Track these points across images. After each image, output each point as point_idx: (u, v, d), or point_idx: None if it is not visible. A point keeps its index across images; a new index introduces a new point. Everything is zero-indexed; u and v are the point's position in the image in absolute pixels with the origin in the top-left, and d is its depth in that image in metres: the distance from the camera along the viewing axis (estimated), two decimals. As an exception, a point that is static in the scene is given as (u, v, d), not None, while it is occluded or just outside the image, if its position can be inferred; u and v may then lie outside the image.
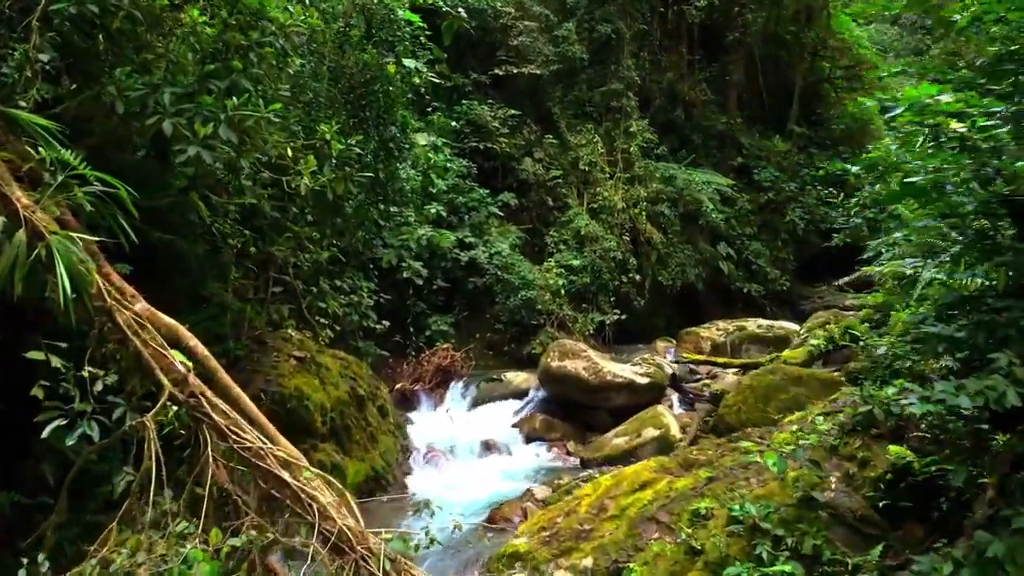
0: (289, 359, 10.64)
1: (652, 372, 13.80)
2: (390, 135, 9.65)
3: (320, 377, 10.67)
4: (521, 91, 21.35)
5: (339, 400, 10.74)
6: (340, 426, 10.67)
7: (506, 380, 15.29)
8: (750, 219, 25.12)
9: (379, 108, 9.44)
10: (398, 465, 11.79)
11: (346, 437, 10.76)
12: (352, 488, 10.45)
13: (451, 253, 17.49)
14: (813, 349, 12.19)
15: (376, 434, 11.42)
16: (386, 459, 11.35)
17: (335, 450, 10.48)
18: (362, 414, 11.26)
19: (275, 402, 9.80)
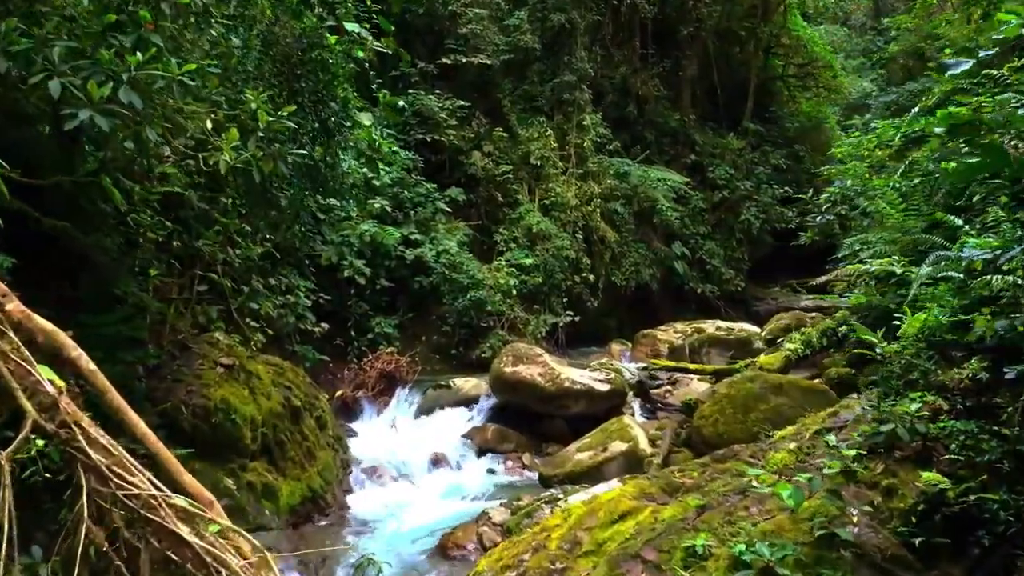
0: (216, 366, 9.47)
1: (612, 378, 12.87)
2: (330, 113, 8.52)
3: (250, 387, 9.52)
4: (470, 82, 20.31)
5: (272, 412, 9.60)
6: (273, 442, 9.53)
7: (455, 387, 14.24)
8: (704, 218, 24.46)
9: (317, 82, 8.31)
10: (338, 483, 10.67)
11: (280, 454, 9.62)
12: (287, 511, 9.37)
13: (396, 251, 16.39)
14: (790, 354, 11.37)
15: (314, 449, 10.29)
16: (325, 477, 10.23)
17: (267, 469, 9.34)
18: (298, 427, 10.12)
19: (198, 416, 8.64)
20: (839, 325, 11.82)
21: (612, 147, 23.25)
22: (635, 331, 20.70)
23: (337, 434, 11.61)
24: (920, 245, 10.42)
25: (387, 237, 16.11)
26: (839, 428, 6.68)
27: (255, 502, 8.90)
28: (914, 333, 6.53)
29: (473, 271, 16.77)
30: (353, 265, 15.24)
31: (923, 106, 11.21)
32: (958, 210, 10.27)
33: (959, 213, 9.99)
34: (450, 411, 13.89)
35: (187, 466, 8.45)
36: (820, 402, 9.35)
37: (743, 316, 24.57)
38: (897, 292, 9.72)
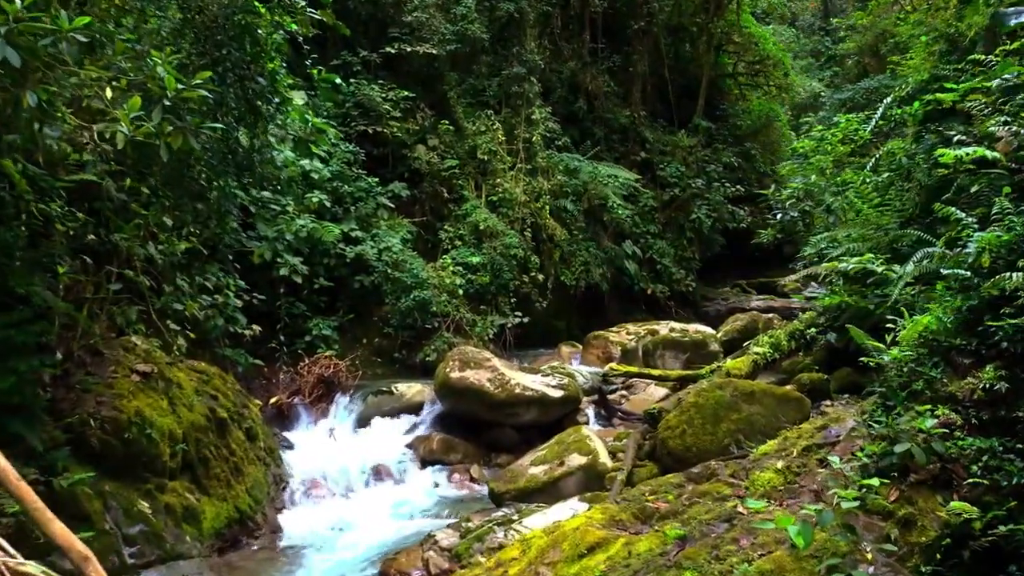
0: (131, 374, 8.51)
1: (566, 384, 12.11)
2: (257, 89, 7.59)
3: (170, 396, 8.57)
4: (415, 73, 19.40)
5: (194, 425, 8.66)
6: (195, 458, 8.59)
7: (397, 392, 13.37)
8: (654, 217, 23.82)
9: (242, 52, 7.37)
10: (270, 501, 9.75)
11: (203, 471, 8.68)
12: (211, 536, 8.44)
13: (335, 248, 15.42)
14: (758, 358, 10.68)
15: (242, 464, 9.35)
16: (254, 495, 9.30)
17: (188, 489, 8.41)
18: (224, 441, 9.18)
19: (109, 431, 7.70)
20: (807, 327, 11.19)
21: (561, 142, 22.52)
22: (585, 332, 20.02)
23: (270, 446, 10.69)
24: (897, 242, 9.83)
25: (326, 233, 15.16)
26: (831, 444, 5.97)
27: (174, 527, 7.97)
28: (914, 337, 5.83)
29: (417, 270, 15.89)
30: (289, 263, 14.27)
31: (896, 96, 10.63)
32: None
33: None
34: (392, 419, 13.09)
35: (95, 488, 7.59)
36: (795, 411, 8.68)
37: (693, 317, 24.04)
38: (876, 292, 9.09)
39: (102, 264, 9.54)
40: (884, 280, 8.90)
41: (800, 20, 40.73)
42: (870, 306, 9.17)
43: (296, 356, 14.42)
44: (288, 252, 14.48)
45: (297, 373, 13.98)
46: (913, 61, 14.10)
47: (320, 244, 15.20)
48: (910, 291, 8.57)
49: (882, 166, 11.01)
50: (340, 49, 18.71)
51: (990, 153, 7.09)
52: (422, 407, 13.12)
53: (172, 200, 10.28)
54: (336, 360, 14.04)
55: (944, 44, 9.81)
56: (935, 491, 4.77)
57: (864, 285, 9.54)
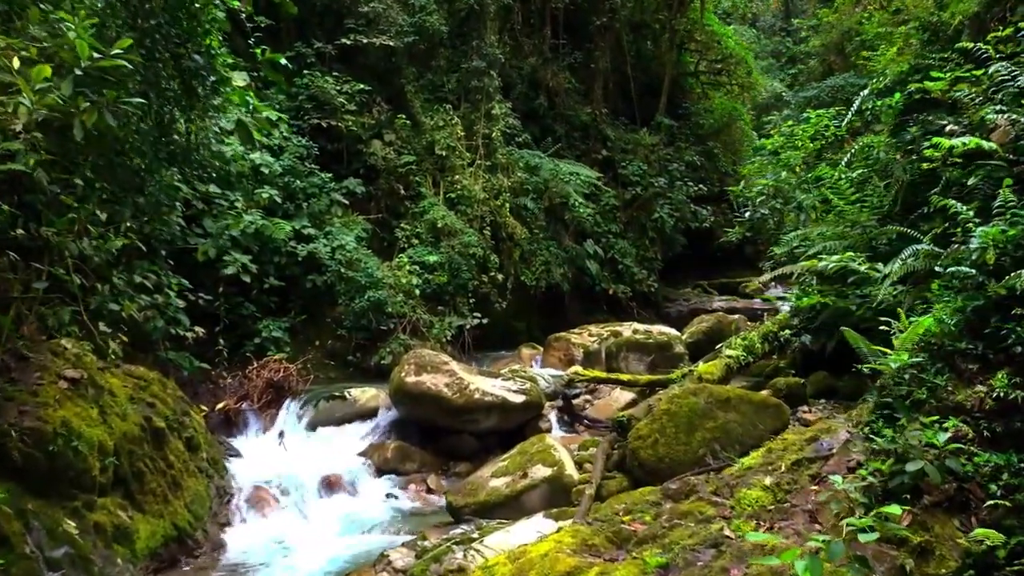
0: (58, 381, 7.81)
1: (528, 388, 11.55)
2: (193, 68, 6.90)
3: (101, 405, 7.87)
4: (371, 65, 18.77)
5: (127, 436, 7.97)
6: (128, 472, 7.90)
7: (351, 397, 12.72)
8: (616, 216, 23.35)
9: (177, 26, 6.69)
10: (212, 517, 9.07)
11: (137, 487, 7.99)
12: (145, 556, 7.76)
13: (286, 246, 14.72)
14: (731, 362, 10.17)
15: (181, 477, 8.66)
16: (195, 511, 8.63)
17: (120, 506, 7.72)
18: (161, 452, 8.49)
19: (31, 442, 6.99)
20: (780, 329, 10.73)
21: (522, 139, 21.99)
22: (545, 334, 19.50)
23: (213, 456, 10.01)
24: (875, 239, 9.39)
25: (276, 231, 14.46)
26: (823, 458, 5.47)
27: (104, 548, 7.28)
28: (913, 340, 5.34)
29: (372, 269, 15.24)
30: (237, 261, 13.58)
31: (874, 88, 10.21)
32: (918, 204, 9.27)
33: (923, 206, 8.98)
34: (345, 425, 12.44)
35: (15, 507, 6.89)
36: (773, 418, 8.20)
37: (655, 317, 23.65)
38: (857, 292, 8.63)
39: (31, 261, 8.85)
40: (866, 279, 8.46)
41: (761, 21, 40.63)
42: (851, 307, 8.73)
43: (245, 359, 13.73)
44: (237, 250, 13.79)
45: (245, 377, 13.29)
46: (890, 52, 13.73)
47: (271, 242, 14.52)
48: (892, 290, 8.13)
49: (858, 161, 10.61)
50: (295, 40, 18.02)
51: (986, 143, 6.66)
52: (376, 413, 12.49)
53: (108, 192, 9.62)
54: (286, 363, 13.37)
55: (926, 34, 9.40)
56: (951, 514, 4.28)
57: (844, 284, 9.08)
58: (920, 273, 7.71)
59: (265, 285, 14.45)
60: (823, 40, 25.43)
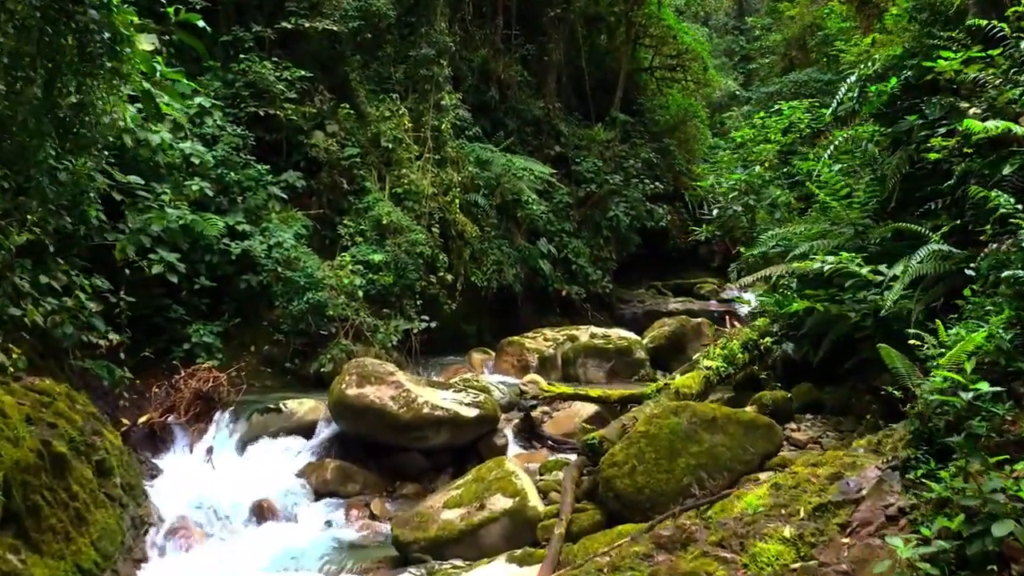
0: (-62, 399, 6.70)
1: (482, 401, 10.59)
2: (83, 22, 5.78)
3: (-12, 428, 6.76)
4: (314, 51, 17.66)
5: (20, 464, 6.84)
6: (22, 507, 6.77)
7: (287, 410, 11.66)
8: (569, 214, 22.49)
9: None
10: (125, 552, 7.97)
11: (33, 523, 6.86)
12: (38, 605, 6.65)
13: (218, 243, 13.59)
14: (710, 374, 9.29)
15: (87, 510, 7.56)
16: (103, 548, 7.53)
17: (12, 547, 6.59)
18: (63, 481, 7.38)
19: None
20: (760, 336, 9.89)
21: (472, 132, 21.01)
22: (497, 337, 18.65)
23: (129, 481, 8.89)
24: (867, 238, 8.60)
25: (208, 227, 13.32)
26: (852, 502, 4.59)
27: (-13, 597, 6.19)
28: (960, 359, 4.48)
29: (311, 269, 14.17)
30: (163, 259, 12.44)
31: (863, 73, 9.41)
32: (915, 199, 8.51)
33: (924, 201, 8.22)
34: (281, 441, 11.37)
35: None
36: (764, 440, 7.37)
37: (609, 319, 22.94)
38: (855, 298, 7.80)
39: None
40: (865, 283, 7.63)
41: (713, 19, 40.13)
42: (850, 314, 7.89)
43: (174, 366, 12.60)
44: (164, 247, 12.64)
45: (172, 387, 12.16)
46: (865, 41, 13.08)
47: (202, 239, 13.40)
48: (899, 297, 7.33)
49: (843, 154, 9.86)
50: (233, 23, 16.87)
51: (1017, 127, 5.87)
52: (315, 427, 11.45)
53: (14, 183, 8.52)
54: (216, 372, 12.26)
55: (924, 14, 8.64)
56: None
57: (833, 288, 8.23)
58: (931, 277, 6.93)
59: (196, 286, 13.34)
60: (784, 35, 24.83)
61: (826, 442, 8.06)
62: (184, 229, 12.98)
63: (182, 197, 13.48)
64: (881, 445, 5.44)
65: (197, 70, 16.32)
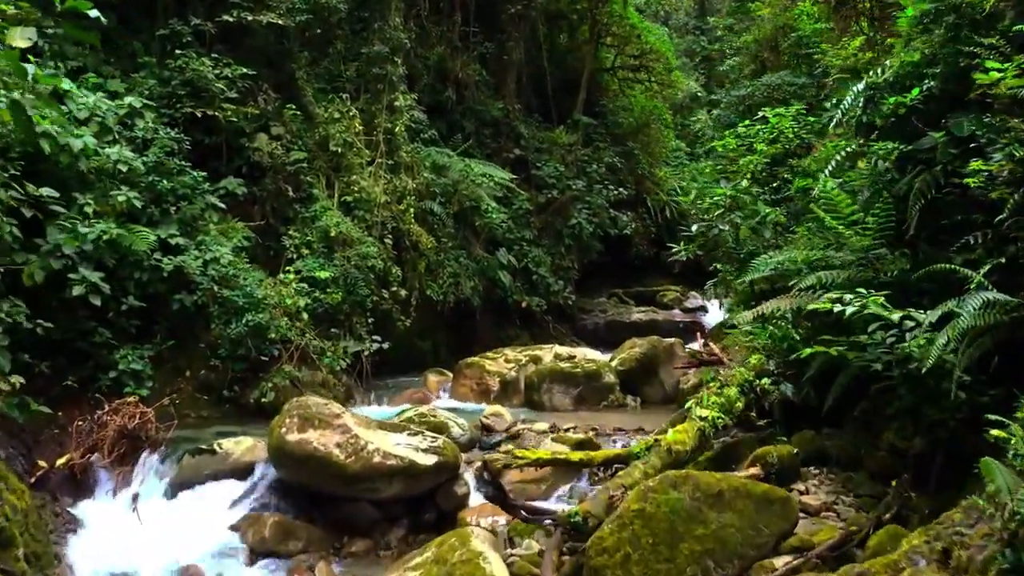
0: None
1: (440, 447, 9.47)
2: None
3: None
4: (258, 47, 16.35)
5: None
6: None
7: (222, 451, 10.44)
8: (529, 221, 21.45)
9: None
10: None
11: None
12: None
13: (149, 259, 12.31)
14: (705, 426, 8.20)
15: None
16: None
17: None
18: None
19: None
20: (757, 376, 8.87)
21: (428, 135, 19.87)
22: (454, 353, 17.69)
23: (36, 551, 7.69)
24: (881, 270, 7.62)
25: (137, 241, 12.06)
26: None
27: None
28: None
29: (251, 287, 12.92)
30: (85, 280, 11.19)
31: (873, 82, 8.43)
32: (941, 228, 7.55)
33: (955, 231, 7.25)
34: (215, 486, 10.12)
35: None
36: (779, 517, 6.37)
37: (570, 331, 22.07)
38: (880, 340, 6.77)
39: None
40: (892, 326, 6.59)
41: (673, 19, 39.30)
42: (875, 365, 6.82)
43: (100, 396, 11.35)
44: (86, 265, 11.40)
45: (95, 423, 10.89)
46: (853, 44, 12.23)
47: (130, 254, 12.13)
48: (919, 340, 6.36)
49: (847, 170, 8.90)
50: (171, 16, 15.52)
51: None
52: (254, 469, 10.23)
53: None
54: (143, 407, 10.99)
55: (951, 16, 7.66)
56: None
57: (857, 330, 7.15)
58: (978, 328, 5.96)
59: (124, 306, 12.06)
60: (755, 35, 23.97)
61: (843, 511, 7.08)
62: (110, 244, 11.75)
63: (108, 208, 12.23)
64: (951, 558, 4.43)
65: (132, 67, 15.07)
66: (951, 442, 6.60)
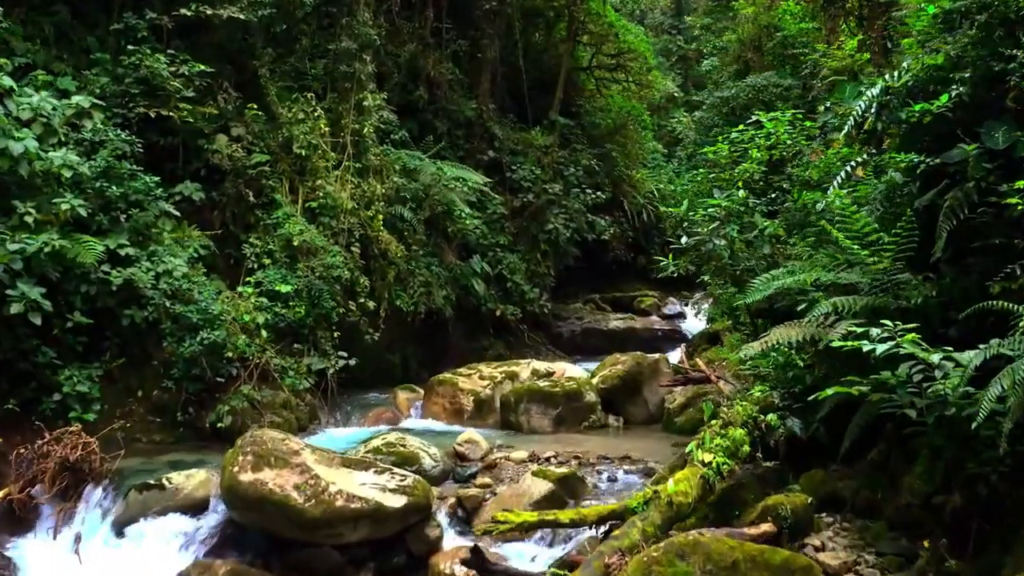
0: None
1: (410, 486, 8.64)
2: None
3: None
4: (219, 43, 15.40)
5: None
6: None
7: (172, 485, 9.55)
8: (504, 226, 20.64)
9: None
10: None
11: None
12: None
13: (97, 271, 11.42)
14: (709, 473, 7.31)
15: None
16: None
17: None
18: None
19: None
20: (761, 411, 8.05)
21: (398, 136, 18.98)
22: (424, 366, 17.05)
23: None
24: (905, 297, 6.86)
25: (83, 252, 11.17)
26: None
27: None
28: None
29: (206, 302, 12.01)
30: (24, 296, 10.30)
31: (891, 86, 7.67)
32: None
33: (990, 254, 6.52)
34: (165, 523, 9.26)
35: None
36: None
37: (546, 339, 21.35)
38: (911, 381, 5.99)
39: None
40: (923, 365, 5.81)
41: (649, 18, 38.63)
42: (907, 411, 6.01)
43: (45, 419, 10.50)
44: (26, 280, 10.52)
45: (36, 452, 10.01)
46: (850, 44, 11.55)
47: (76, 266, 11.25)
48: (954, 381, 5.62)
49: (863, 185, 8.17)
50: (127, 10, 14.54)
51: None
52: (207, 506, 9.40)
53: None
54: (87, 436, 10.10)
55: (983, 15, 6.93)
56: None
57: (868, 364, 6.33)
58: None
59: (68, 323, 11.20)
60: (739, 35, 23.26)
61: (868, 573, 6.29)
62: (53, 256, 10.87)
63: (51, 217, 11.34)
64: None
65: (85, 63, 14.13)
66: (991, 497, 5.86)
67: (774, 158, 10.31)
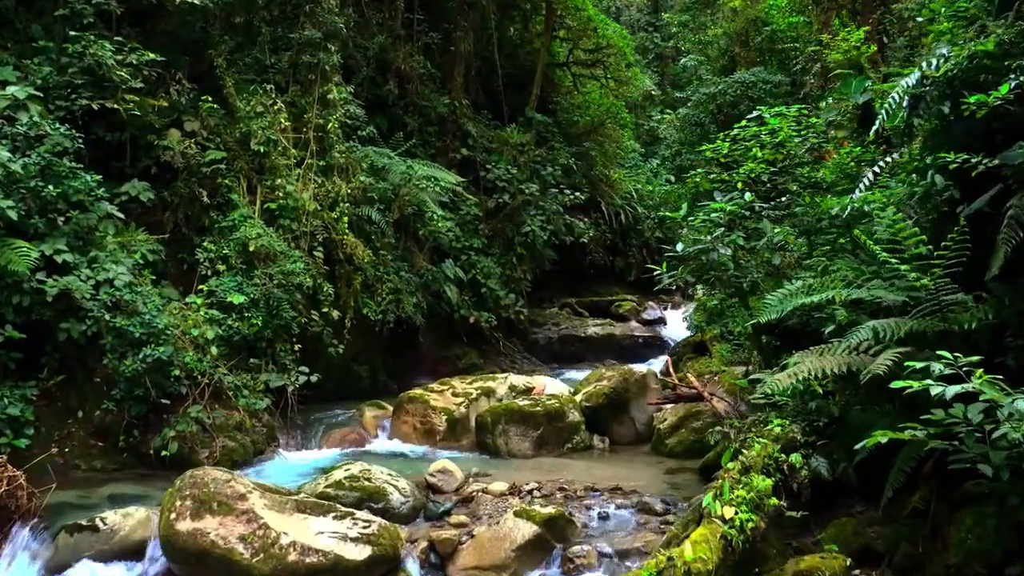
0: None
1: (374, 533, 7.59)
2: None
3: None
4: (173, 31, 14.29)
5: None
6: None
7: (107, 526, 8.42)
8: (478, 228, 19.64)
9: None
10: None
11: None
12: None
13: (30, 280, 10.30)
14: (732, 534, 6.20)
15: None
16: None
17: None
18: None
19: None
20: (783, 449, 7.02)
21: (365, 132, 17.89)
22: (393, 377, 16.25)
23: None
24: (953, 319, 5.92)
25: (14, 259, 10.07)
26: None
27: None
28: None
29: (151, 314, 10.89)
30: (-57, 310, 9.20)
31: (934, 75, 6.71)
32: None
33: None
34: (99, 570, 8.17)
35: None
36: None
37: (521, 347, 20.36)
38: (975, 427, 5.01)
39: None
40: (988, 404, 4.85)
41: (625, 15, 37.77)
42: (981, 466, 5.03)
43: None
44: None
45: (-43, 488, 8.89)
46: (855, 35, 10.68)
47: (7, 275, 10.13)
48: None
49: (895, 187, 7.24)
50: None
51: None
52: (146, 549, 8.31)
53: None
54: (12, 469, 8.97)
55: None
56: None
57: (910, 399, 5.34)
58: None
59: (0, 338, 10.06)
60: (725, 29, 22.37)
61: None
62: (-24, 263, 9.76)
63: (-21, 219, 10.21)
64: None
65: (30, 52, 12.96)
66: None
67: (781, 159, 9.37)
